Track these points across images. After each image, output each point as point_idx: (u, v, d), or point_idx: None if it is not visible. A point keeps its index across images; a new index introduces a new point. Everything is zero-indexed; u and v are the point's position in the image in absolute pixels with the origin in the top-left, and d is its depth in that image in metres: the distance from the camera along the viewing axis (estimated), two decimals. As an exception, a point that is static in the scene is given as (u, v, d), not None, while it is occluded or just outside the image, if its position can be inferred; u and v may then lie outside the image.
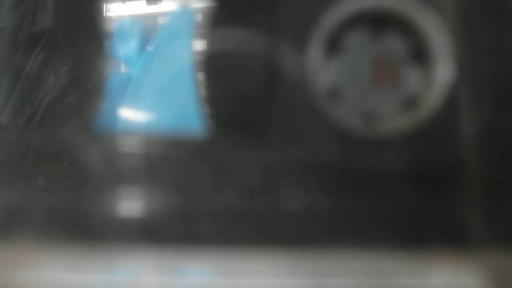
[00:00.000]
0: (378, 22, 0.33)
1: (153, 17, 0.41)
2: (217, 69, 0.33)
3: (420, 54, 0.33)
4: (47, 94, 0.35)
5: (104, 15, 0.35)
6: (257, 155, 0.32)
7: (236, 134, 0.33)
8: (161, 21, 0.41)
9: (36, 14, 0.35)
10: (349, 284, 0.29)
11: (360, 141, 0.32)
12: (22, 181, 0.32)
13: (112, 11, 0.38)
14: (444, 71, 0.32)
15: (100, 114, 0.34)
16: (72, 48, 0.35)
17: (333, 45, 0.33)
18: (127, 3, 0.40)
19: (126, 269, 0.30)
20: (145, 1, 0.41)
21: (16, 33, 0.35)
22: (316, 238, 0.31)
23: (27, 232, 0.31)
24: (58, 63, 0.35)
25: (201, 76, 0.33)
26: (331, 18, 0.32)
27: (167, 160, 0.32)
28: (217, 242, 0.31)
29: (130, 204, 0.32)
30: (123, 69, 0.40)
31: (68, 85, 0.35)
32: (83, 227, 0.31)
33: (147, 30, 0.41)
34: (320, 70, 0.32)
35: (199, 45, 0.34)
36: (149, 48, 0.40)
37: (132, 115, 0.38)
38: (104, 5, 0.35)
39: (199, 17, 0.36)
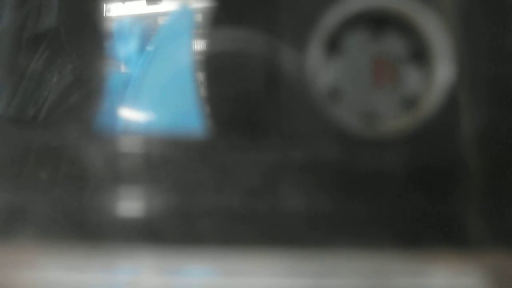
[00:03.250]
0: (378, 22, 0.33)
1: (153, 17, 0.41)
2: (217, 69, 0.33)
3: (420, 54, 0.33)
4: (49, 93, 0.35)
5: (104, 15, 0.35)
6: (257, 155, 0.32)
7: (236, 134, 0.33)
8: (161, 21, 0.41)
9: (40, 13, 0.35)
10: (349, 284, 0.29)
11: (360, 141, 0.32)
12: (22, 180, 0.32)
13: (112, 11, 0.38)
14: (444, 71, 0.32)
15: (100, 114, 0.34)
16: (72, 48, 0.35)
17: (333, 45, 0.33)
18: (127, 3, 0.40)
19: (126, 269, 0.30)
20: (145, 1, 0.41)
21: (20, 32, 0.35)
22: (316, 238, 0.31)
23: (27, 232, 0.31)
24: (62, 63, 0.35)
25: (201, 76, 0.33)
26: (331, 18, 0.32)
27: (167, 160, 0.32)
28: (217, 242, 0.31)
29: (130, 204, 0.32)
30: (123, 69, 0.40)
31: (70, 85, 0.35)
32: (83, 227, 0.31)
33: (147, 30, 0.41)
34: (320, 70, 0.32)
35: (199, 45, 0.34)
36: (149, 48, 0.40)
37: (132, 115, 0.38)
38: (104, 5, 0.35)
39: (199, 17, 0.36)
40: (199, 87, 0.34)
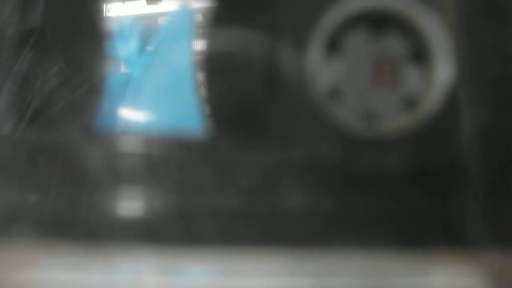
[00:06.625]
0: (378, 22, 0.33)
1: (153, 17, 0.41)
2: (217, 69, 0.33)
3: (420, 54, 0.33)
4: (47, 93, 0.35)
5: (104, 15, 0.35)
6: (257, 155, 0.32)
7: (236, 134, 0.33)
8: (161, 21, 0.41)
9: (29, 10, 0.35)
10: (349, 284, 0.29)
11: (360, 141, 0.32)
12: (22, 181, 0.32)
13: (112, 11, 0.38)
14: (444, 71, 0.32)
15: (100, 114, 0.34)
16: (72, 47, 0.35)
17: (333, 45, 0.33)
18: (127, 3, 0.40)
19: (126, 269, 0.30)
20: (145, 1, 0.41)
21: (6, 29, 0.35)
22: (316, 238, 0.31)
23: (27, 232, 0.31)
24: (58, 62, 0.35)
25: (201, 76, 0.33)
26: (331, 18, 0.32)
27: (167, 160, 0.32)
28: (217, 242, 0.31)
29: (130, 204, 0.32)
30: (123, 69, 0.40)
31: (68, 85, 0.35)
32: (83, 227, 0.31)
33: (147, 30, 0.41)
34: (320, 70, 0.32)
35: (199, 45, 0.34)
36: (149, 48, 0.40)
37: (132, 115, 0.38)
38: (104, 5, 0.35)
39: (199, 17, 0.36)
40: (199, 87, 0.34)
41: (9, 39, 0.35)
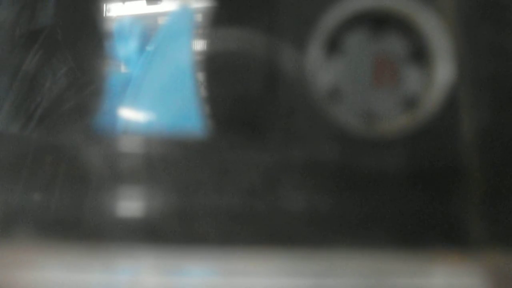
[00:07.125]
0: (378, 22, 0.33)
1: (153, 17, 0.41)
2: (217, 69, 0.33)
3: (420, 54, 0.33)
4: (48, 93, 0.35)
5: (104, 15, 0.35)
6: (257, 155, 0.32)
7: (236, 134, 0.33)
8: (161, 21, 0.41)
9: (35, 10, 0.35)
10: (349, 284, 0.29)
11: (360, 141, 0.32)
12: (22, 181, 0.32)
13: (112, 11, 0.38)
14: (444, 71, 0.32)
15: (100, 114, 0.34)
16: (72, 47, 0.35)
17: (333, 45, 0.33)
18: (127, 3, 0.40)
19: (126, 269, 0.30)
20: (145, 1, 0.41)
21: (14, 29, 0.35)
22: (316, 238, 0.31)
23: (27, 232, 0.31)
24: (58, 62, 0.35)
25: (201, 76, 0.33)
26: (331, 18, 0.32)
27: (167, 160, 0.32)
28: (217, 242, 0.31)
29: (130, 204, 0.32)
30: (123, 69, 0.40)
31: (68, 85, 0.35)
32: (83, 227, 0.31)
33: (147, 30, 0.41)
34: (320, 70, 0.32)
35: (199, 45, 0.34)
36: (149, 48, 0.40)
37: (132, 115, 0.38)
38: (104, 5, 0.35)
39: (199, 17, 0.36)
40: (199, 87, 0.34)
41: (17, 38, 0.35)
